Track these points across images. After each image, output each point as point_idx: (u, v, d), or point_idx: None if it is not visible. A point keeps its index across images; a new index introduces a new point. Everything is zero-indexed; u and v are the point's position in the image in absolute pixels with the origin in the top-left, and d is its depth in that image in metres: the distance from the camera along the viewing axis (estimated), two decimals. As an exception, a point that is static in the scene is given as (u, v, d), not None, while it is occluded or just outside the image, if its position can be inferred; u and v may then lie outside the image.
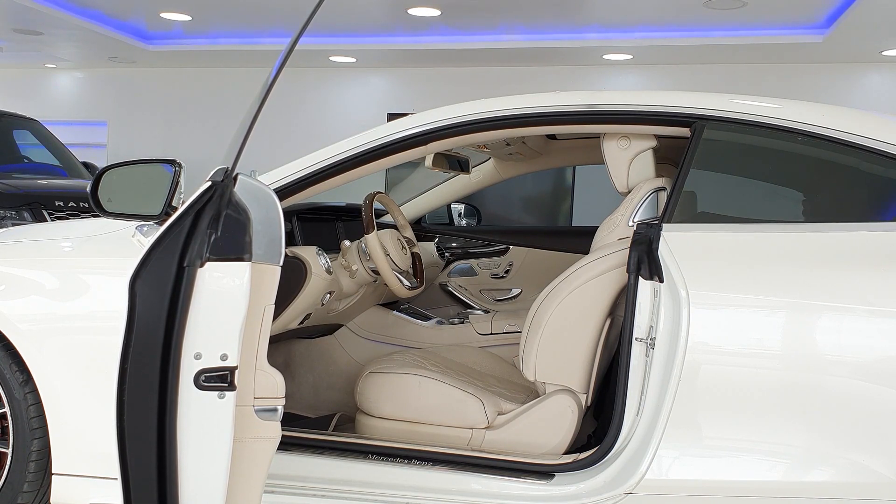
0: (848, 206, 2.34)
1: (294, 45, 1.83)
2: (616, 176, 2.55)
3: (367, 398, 2.57)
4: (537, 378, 2.47)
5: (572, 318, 2.44)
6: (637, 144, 2.51)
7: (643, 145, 2.51)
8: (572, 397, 2.44)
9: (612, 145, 2.53)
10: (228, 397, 1.77)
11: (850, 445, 2.05)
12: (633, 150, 2.52)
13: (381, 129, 2.41)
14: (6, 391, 2.30)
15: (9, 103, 8.64)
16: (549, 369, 2.46)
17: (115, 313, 1.88)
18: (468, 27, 7.64)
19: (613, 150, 2.53)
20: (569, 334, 2.44)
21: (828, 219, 2.28)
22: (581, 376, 2.47)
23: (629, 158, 2.52)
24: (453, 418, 2.49)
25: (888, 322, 2.05)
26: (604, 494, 2.15)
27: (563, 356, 2.46)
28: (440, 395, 2.51)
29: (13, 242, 2.55)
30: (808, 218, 2.30)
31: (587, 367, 2.47)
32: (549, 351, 2.45)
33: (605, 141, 2.54)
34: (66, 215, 5.70)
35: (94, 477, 2.21)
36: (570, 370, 2.46)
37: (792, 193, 2.44)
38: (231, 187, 1.82)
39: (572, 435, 2.43)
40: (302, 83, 9.26)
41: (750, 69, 8.19)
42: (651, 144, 2.52)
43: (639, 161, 2.52)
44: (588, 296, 2.42)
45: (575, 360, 2.46)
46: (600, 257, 2.41)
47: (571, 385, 2.46)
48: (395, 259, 2.94)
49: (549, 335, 2.45)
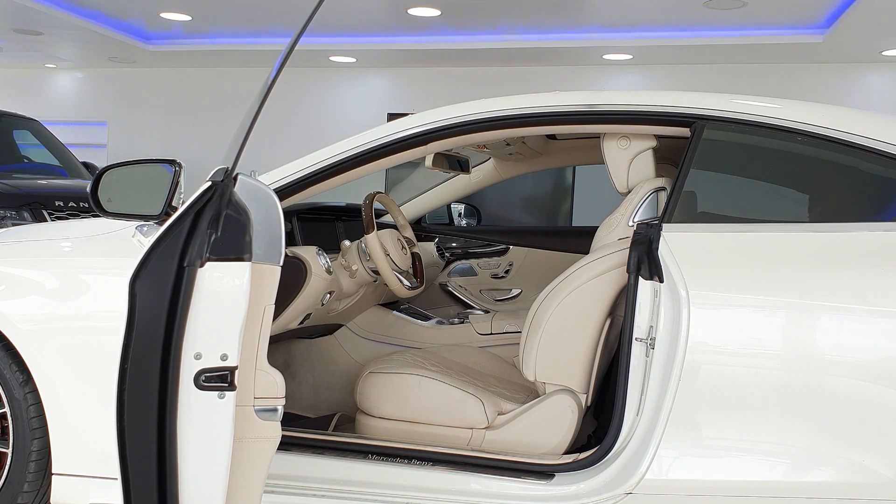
0: (848, 206, 2.34)
1: (294, 45, 1.83)
2: (616, 176, 2.55)
3: (367, 398, 2.57)
4: (537, 378, 2.47)
5: (572, 318, 2.43)
6: (637, 144, 2.51)
7: (643, 145, 2.51)
8: (572, 397, 2.44)
9: (612, 145, 2.53)
10: (228, 397, 1.77)
11: (850, 445, 2.05)
12: (633, 150, 2.52)
13: (381, 129, 2.41)
14: (6, 391, 2.30)
15: (9, 103, 8.64)
16: (550, 369, 2.46)
17: (115, 313, 1.88)
18: (468, 27, 7.64)
19: (613, 151, 2.53)
20: (569, 334, 2.44)
21: (828, 219, 2.28)
22: (581, 376, 2.47)
23: (629, 158, 2.52)
24: (453, 418, 2.49)
25: (888, 322, 2.05)
26: (604, 494, 2.15)
27: (563, 356, 2.46)
28: (440, 395, 2.51)
29: (13, 242, 2.55)
30: (808, 218, 2.30)
31: (587, 367, 2.47)
32: (549, 351, 2.45)
33: (605, 141, 2.54)
34: (66, 215, 5.70)
35: (94, 477, 2.21)
36: (570, 370, 2.46)
37: (792, 193, 2.44)
38: (231, 187, 1.82)
39: (572, 435, 2.43)
40: (302, 83, 9.26)
41: (750, 69, 8.19)
42: (651, 144, 2.52)
43: (639, 161, 2.52)
44: (588, 296, 2.42)
45: (575, 360, 2.46)
46: (600, 257, 2.41)
47: (571, 385, 2.47)
48: (395, 259, 2.94)
49: (548, 335, 2.45)
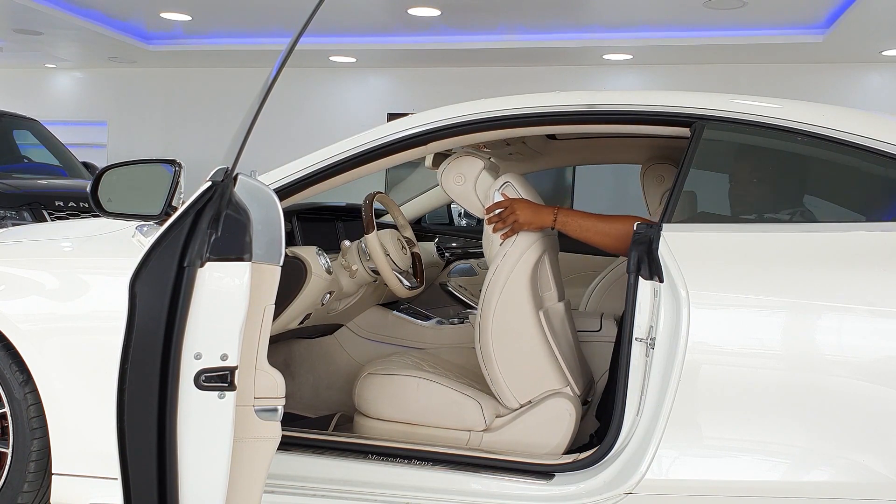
0: (848, 206, 2.34)
1: (294, 45, 1.83)
2: (471, 208, 2.58)
3: (365, 399, 2.57)
4: (520, 402, 2.48)
5: (511, 334, 2.46)
6: (469, 173, 2.54)
7: (475, 170, 2.55)
8: (567, 398, 2.44)
9: (451, 184, 2.56)
10: (228, 397, 1.77)
11: (850, 445, 2.05)
12: (470, 177, 2.55)
13: (381, 129, 2.41)
14: (6, 391, 2.30)
15: (9, 103, 8.62)
16: (524, 387, 2.48)
17: (116, 313, 1.88)
18: (468, 27, 7.63)
19: (455, 189, 2.56)
20: (517, 347, 2.46)
21: (828, 219, 2.28)
22: (554, 374, 2.47)
23: (472, 188, 2.55)
24: (451, 420, 2.49)
25: (888, 322, 2.05)
26: (604, 494, 2.15)
27: (527, 369, 2.47)
28: (438, 396, 2.51)
29: (13, 242, 2.55)
30: (808, 218, 2.30)
31: (553, 363, 2.48)
32: (512, 374, 2.47)
33: (443, 181, 2.57)
34: (66, 215, 5.69)
35: (94, 477, 2.21)
36: (541, 375, 2.47)
37: (792, 193, 2.44)
38: (231, 187, 1.82)
39: (570, 436, 2.43)
40: (302, 83, 9.26)
41: (750, 69, 8.19)
42: (481, 165, 2.55)
43: (480, 182, 2.55)
44: (510, 308, 2.45)
45: (539, 364, 2.47)
46: (498, 266, 2.45)
47: (552, 387, 2.47)
48: (395, 259, 2.94)
49: (502, 361, 2.47)
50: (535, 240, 2.48)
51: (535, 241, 2.48)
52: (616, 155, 3.67)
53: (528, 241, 2.47)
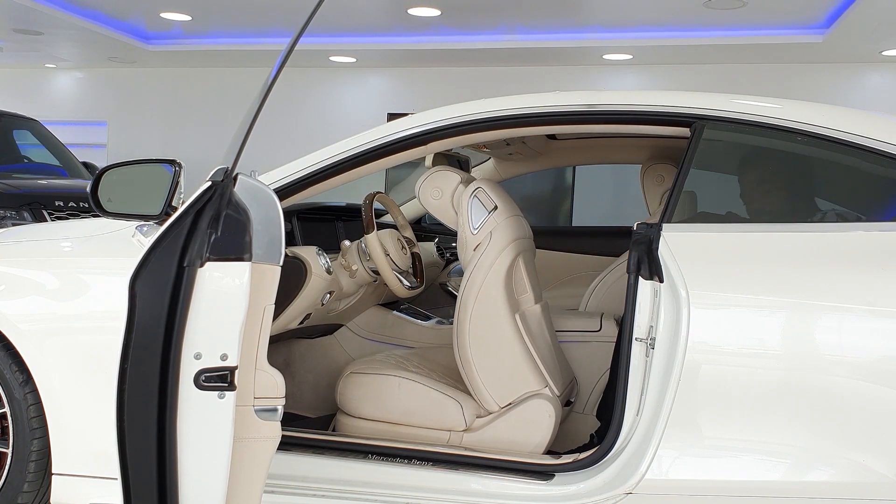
0: (848, 206, 2.34)
1: (294, 45, 1.83)
2: (447, 221, 2.58)
3: (347, 398, 2.58)
4: (500, 405, 2.48)
5: (488, 338, 2.46)
6: (446, 188, 2.55)
7: (451, 183, 2.55)
8: (545, 399, 2.44)
9: (428, 198, 2.57)
10: (228, 397, 1.77)
11: (850, 445, 2.05)
12: (447, 192, 2.56)
13: (381, 129, 2.41)
14: (6, 391, 2.30)
15: (9, 103, 8.62)
16: (503, 390, 2.48)
17: (115, 313, 1.88)
18: (468, 27, 7.64)
19: (432, 203, 2.57)
20: (495, 352, 2.46)
21: (828, 219, 2.28)
22: (532, 376, 2.47)
23: (448, 202, 2.56)
24: (432, 420, 2.49)
25: (888, 322, 2.05)
26: (604, 494, 2.15)
27: (505, 372, 2.47)
28: (419, 396, 2.52)
29: (13, 242, 2.55)
30: (808, 218, 2.30)
31: (531, 365, 2.48)
32: (491, 378, 2.47)
33: (421, 195, 2.58)
34: (66, 215, 5.69)
35: (94, 477, 2.21)
36: (520, 377, 2.47)
37: (792, 193, 2.44)
38: (231, 187, 1.82)
39: (550, 436, 2.43)
40: (302, 83, 9.26)
41: (750, 69, 8.19)
42: (457, 179, 2.56)
43: (456, 195, 2.55)
44: (486, 312, 2.45)
45: (517, 367, 2.47)
46: (472, 271, 2.45)
47: (532, 388, 2.47)
48: (395, 259, 2.94)
49: (481, 365, 2.47)
50: (507, 243, 2.48)
51: (508, 245, 2.48)
52: (616, 155, 3.67)
53: (501, 245, 2.47)
